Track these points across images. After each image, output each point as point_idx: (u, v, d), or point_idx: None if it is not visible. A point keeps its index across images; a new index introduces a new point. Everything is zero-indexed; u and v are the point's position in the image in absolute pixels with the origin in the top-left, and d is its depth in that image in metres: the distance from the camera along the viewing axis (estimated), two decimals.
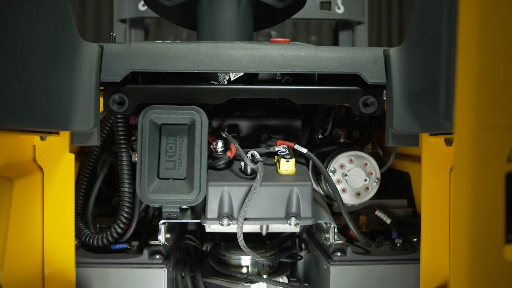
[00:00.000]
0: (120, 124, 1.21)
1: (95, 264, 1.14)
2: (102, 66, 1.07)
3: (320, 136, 1.44)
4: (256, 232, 1.19)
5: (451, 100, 0.74)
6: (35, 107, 0.81)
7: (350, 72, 1.11)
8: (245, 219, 1.07)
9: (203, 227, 1.14)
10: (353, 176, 1.25)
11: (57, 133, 1.08)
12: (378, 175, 1.27)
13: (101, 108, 1.11)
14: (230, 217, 1.08)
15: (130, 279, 1.13)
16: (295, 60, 1.11)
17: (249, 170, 1.13)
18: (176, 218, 1.11)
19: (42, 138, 1.07)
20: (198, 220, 1.13)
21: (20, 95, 0.75)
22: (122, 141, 1.21)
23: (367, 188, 1.27)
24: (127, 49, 1.09)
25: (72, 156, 1.11)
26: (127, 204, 1.18)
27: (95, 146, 1.27)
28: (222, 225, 1.07)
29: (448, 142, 1.12)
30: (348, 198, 1.26)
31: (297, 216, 1.08)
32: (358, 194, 1.27)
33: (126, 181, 1.19)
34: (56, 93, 0.90)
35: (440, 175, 1.16)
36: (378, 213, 1.34)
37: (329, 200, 1.37)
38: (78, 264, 1.13)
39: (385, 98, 1.13)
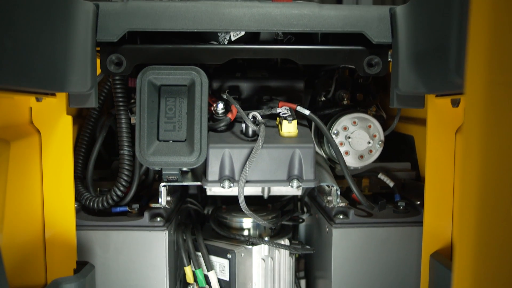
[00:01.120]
0: (118, 86, 1.19)
1: (95, 227, 1.14)
2: (98, 26, 1.04)
3: (323, 98, 1.42)
4: (257, 196, 1.18)
5: (463, 55, 0.71)
6: (29, 66, 0.78)
7: (354, 31, 1.08)
8: (247, 181, 1.06)
9: (204, 191, 1.13)
10: (356, 139, 1.23)
11: (53, 94, 1.05)
12: (382, 138, 1.25)
13: (99, 70, 1.08)
14: (232, 179, 1.06)
15: (131, 241, 1.13)
16: (297, 19, 1.07)
17: (250, 132, 1.10)
18: (176, 181, 1.10)
19: (38, 100, 1.04)
20: (199, 183, 1.11)
21: (13, 53, 0.73)
22: (121, 103, 1.19)
23: (370, 151, 1.25)
24: (123, 7, 1.06)
25: (69, 118, 1.08)
26: (126, 167, 1.16)
27: (93, 109, 1.25)
28: (223, 187, 1.06)
29: (455, 103, 1.10)
30: (351, 161, 1.25)
31: (299, 178, 1.07)
32: (361, 156, 1.25)
33: (126, 144, 1.17)
34: (50, 52, 0.86)
35: (445, 137, 1.13)
36: (381, 176, 1.32)
37: (331, 163, 1.35)
38: (78, 227, 1.12)
39: (390, 59, 1.10)
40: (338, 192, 1.17)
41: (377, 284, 1.18)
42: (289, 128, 1.11)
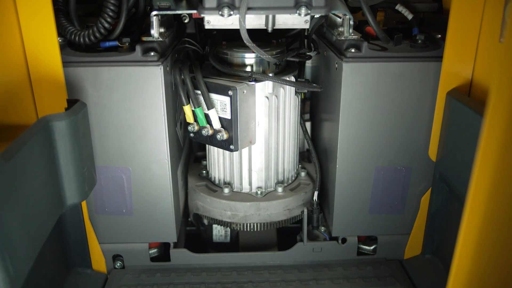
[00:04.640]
0: None
1: (84, 63, 1.03)
2: None
3: None
4: (261, 30, 1.05)
5: None
6: None
7: None
8: (249, 8, 0.93)
9: (203, 30, 1.01)
10: None
11: None
12: None
13: None
14: (231, 6, 0.93)
15: (124, 77, 1.04)
16: None
17: None
18: (169, 9, 0.97)
19: None
20: (195, 11, 0.99)
21: None
22: None
23: None
24: None
25: None
26: None
27: None
28: (222, 15, 0.93)
29: None
30: None
31: (308, 5, 0.94)
32: None
33: None
34: None
35: None
36: (399, 7, 1.18)
37: None
38: (65, 63, 1.02)
39: None
40: (351, 22, 1.05)
41: (388, 122, 1.11)
42: None
